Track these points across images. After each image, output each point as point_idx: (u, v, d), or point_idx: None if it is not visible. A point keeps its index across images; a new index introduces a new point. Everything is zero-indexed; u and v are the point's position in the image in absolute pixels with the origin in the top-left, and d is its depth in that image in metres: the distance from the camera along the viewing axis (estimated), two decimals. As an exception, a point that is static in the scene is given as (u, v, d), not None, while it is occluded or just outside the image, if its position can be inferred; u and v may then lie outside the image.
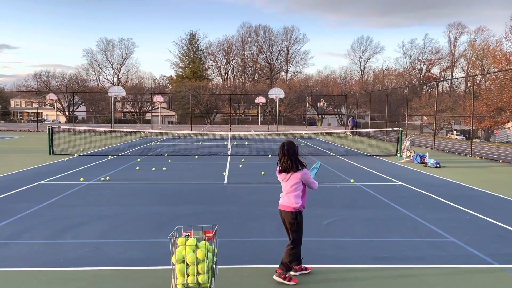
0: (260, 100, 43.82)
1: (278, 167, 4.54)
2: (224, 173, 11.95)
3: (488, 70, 54.57)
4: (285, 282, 4.31)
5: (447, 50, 76.12)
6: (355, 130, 32.85)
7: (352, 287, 4.29)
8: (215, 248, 3.68)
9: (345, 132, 34.15)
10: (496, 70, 40.44)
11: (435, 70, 77.34)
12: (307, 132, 27.81)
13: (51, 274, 4.54)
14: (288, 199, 4.44)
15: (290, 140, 4.51)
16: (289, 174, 4.41)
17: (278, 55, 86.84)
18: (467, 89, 57.70)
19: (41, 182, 10.14)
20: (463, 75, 70.37)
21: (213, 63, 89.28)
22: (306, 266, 4.64)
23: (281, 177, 4.50)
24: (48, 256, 5.09)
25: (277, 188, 9.95)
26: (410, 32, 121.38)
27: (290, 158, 4.38)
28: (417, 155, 15.06)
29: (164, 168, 12.80)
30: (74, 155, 16.07)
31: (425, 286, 4.32)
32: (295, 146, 4.45)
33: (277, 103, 43.76)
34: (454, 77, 71.75)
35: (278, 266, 4.46)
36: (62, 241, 5.66)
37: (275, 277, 4.38)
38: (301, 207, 4.45)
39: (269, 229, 6.37)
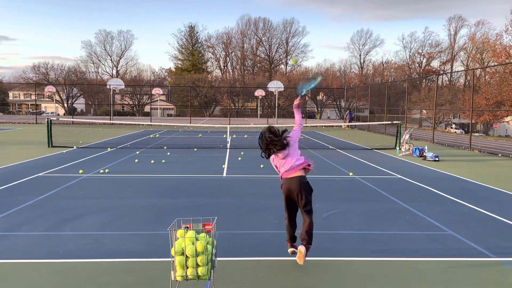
0: (259, 93, 43.74)
1: (270, 153, 4.62)
2: (223, 166, 11.96)
3: (488, 63, 54.44)
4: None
5: (447, 43, 75.97)
6: (352, 124, 32.89)
7: (350, 279, 4.31)
8: (215, 241, 3.69)
9: (341, 126, 34.11)
10: (496, 63, 40.35)
11: (435, 64, 77.25)
12: (306, 125, 27.87)
13: (51, 266, 4.55)
14: (299, 163, 4.52)
15: (268, 126, 4.72)
16: (286, 149, 4.53)
17: (277, 48, 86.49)
18: (467, 83, 57.63)
19: (40, 174, 10.13)
20: (462, 68, 70.26)
21: (212, 56, 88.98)
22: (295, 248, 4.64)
23: (280, 157, 4.58)
24: (47, 248, 5.10)
25: (276, 181, 9.96)
26: (410, 25, 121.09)
27: (281, 138, 4.52)
28: (416, 149, 15.07)
29: (163, 161, 12.80)
30: (73, 147, 16.05)
31: (423, 279, 4.34)
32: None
33: (276, 96, 43.68)
34: (453, 71, 71.64)
35: (304, 244, 4.37)
36: (61, 233, 5.67)
37: (302, 251, 4.25)
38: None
39: (268, 221, 6.39)
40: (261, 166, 11.95)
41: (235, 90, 67.21)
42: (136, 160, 12.87)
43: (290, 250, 4.63)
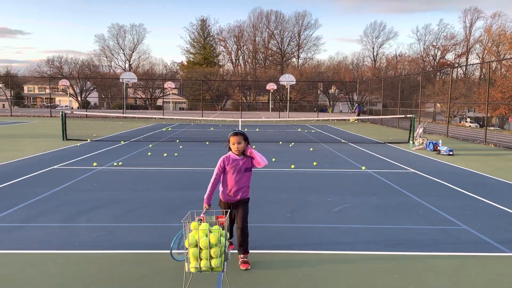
0: (271, 86, 43.59)
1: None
2: (235, 159, 11.97)
3: (504, 56, 53.42)
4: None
5: (462, 35, 74.57)
6: (361, 117, 32.67)
7: (363, 273, 4.29)
8: (228, 233, 3.70)
9: (349, 119, 33.84)
10: (512, 56, 39.54)
11: (450, 56, 76.01)
12: (318, 118, 27.66)
13: (66, 256, 4.63)
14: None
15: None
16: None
17: (289, 41, 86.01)
18: (482, 76, 56.70)
19: (55, 166, 10.28)
20: (478, 61, 69.07)
21: (224, 49, 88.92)
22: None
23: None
24: (63, 239, 5.18)
25: (288, 174, 9.96)
26: (425, 17, 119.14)
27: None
28: (430, 143, 14.90)
29: (175, 154, 12.88)
30: (87, 140, 16.24)
31: (437, 273, 4.30)
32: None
33: (288, 90, 43.51)
34: (469, 64, 70.44)
35: (243, 253, 4.43)
36: (76, 225, 5.76)
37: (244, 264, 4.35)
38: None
39: (280, 215, 6.39)
40: (273, 159, 11.94)
41: (247, 83, 67.13)
42: (149, 153, 12.97)
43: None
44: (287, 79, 40.58)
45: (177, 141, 16.89)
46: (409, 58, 77.67)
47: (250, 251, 4.57)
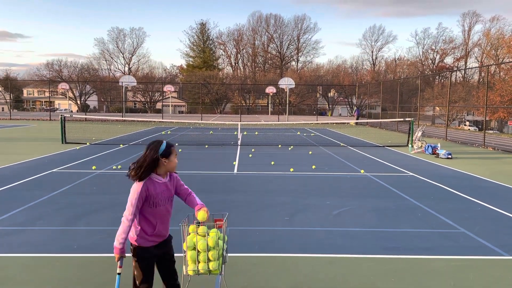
0: (270, 90, 43.64)
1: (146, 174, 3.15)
2: (234, 163, 12.00)
3: (502, 60, 53.59)
4: None
5: (461, 39, 74.76)
6: (360, 121, 32.72)
7: (361, 276, 4.30)
8: (226, 236, 3.72)
9: (348, 123, 33.89)
10: (511, 60, 39.66)
11: (449, 60, 76.20)
12: (317, 122, 27.75)
13: (65, 260, 4.63)
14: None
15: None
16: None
17: (288, 45, 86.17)
18: (481, 79, 56.78)
19: (54, 170, 10.28)
20: (477, 65, 69.21)
21: (223, 53, 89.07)
22: None
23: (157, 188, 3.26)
24: (62, 242, 5.19)
25: (287, 178, 9.96)
26: (424, 21, 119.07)
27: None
28: (428, 146, 14.93)
29: (174, 157, 12.87)
30: (86, 143, 16.24)
31: (435, 277, 4.32)
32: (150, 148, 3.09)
33: (287, 93, 43.56)
34: (467, 67, 70.63)
35: None
36: (75, 228, 5.76)
37: None
38: (137, 239, 3.26)
39: (279, 218, 6.40)
40: (272, 163, 11.95)
41: (246, 87, 67.19)
42: (148, 157, 12.96)
43: None
44: (286, 83, 40.64)
45: (176, 144, 16.91)
46: (408, 61, 77.85)
47: (249, 254, 4.57)
